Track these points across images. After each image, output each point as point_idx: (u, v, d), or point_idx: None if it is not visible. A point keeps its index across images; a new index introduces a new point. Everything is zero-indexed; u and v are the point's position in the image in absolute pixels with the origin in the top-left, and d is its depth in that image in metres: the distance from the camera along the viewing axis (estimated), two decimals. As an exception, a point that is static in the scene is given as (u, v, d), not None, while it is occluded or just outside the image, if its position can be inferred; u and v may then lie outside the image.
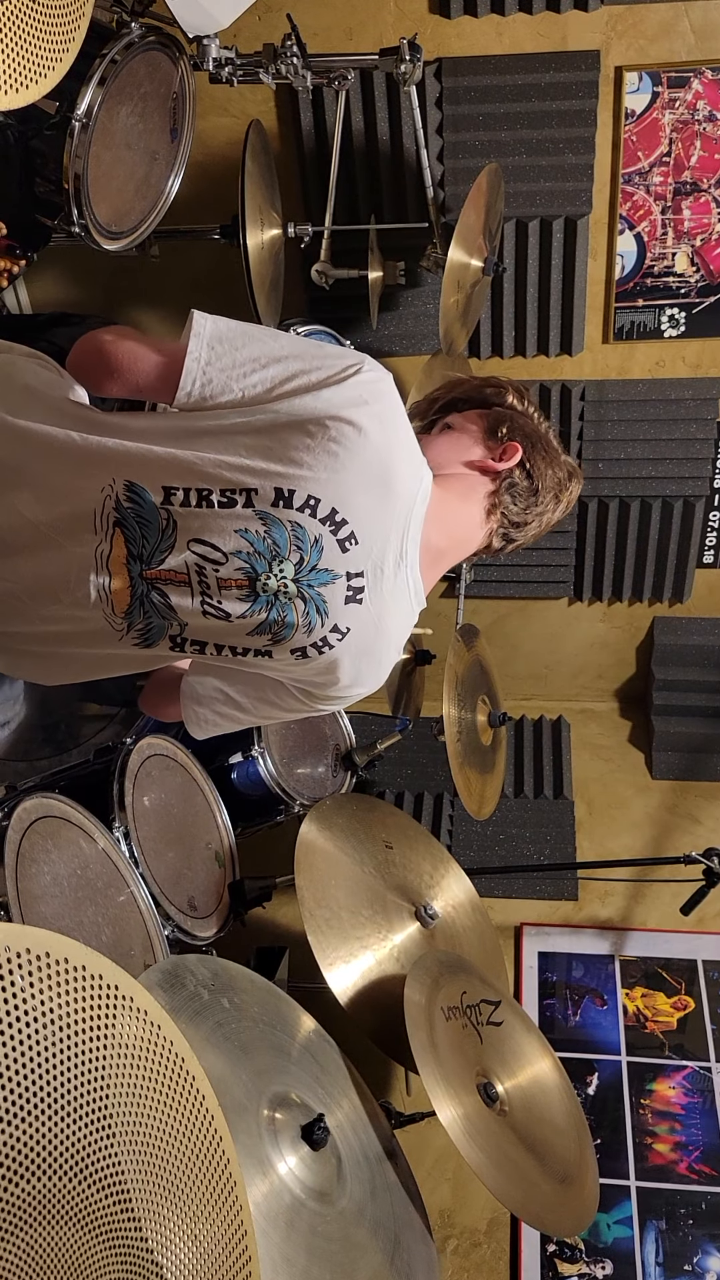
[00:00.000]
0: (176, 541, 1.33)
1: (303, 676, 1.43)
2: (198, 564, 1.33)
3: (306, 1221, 1.55)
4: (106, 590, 1.36)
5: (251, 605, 1.34)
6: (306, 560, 1.32)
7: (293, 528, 1.31)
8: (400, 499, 1.35)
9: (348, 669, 1.41)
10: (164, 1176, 0.97)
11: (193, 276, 2.86)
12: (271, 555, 1.32)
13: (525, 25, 2.56)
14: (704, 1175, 2.40)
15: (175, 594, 1.35)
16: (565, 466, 1.54)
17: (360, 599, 1.36)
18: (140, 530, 1.33)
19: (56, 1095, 0.86)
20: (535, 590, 3.32)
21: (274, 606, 1.34)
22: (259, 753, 2.43)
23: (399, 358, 2.95)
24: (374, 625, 1.39)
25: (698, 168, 2.66)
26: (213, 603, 1.34)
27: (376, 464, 1.31)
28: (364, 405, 1.30)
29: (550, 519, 1.54)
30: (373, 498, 1.33)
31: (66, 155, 1.86)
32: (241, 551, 1.32)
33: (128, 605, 1.37)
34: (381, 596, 1.38)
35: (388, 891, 2.21)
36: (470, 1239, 2.36)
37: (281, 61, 2.17)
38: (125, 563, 1.35)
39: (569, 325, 2.87)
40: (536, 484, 1.49)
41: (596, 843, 3.14)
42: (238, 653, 1.40)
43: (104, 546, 1.35)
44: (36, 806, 1.75)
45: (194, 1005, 1.63)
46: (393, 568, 1.37)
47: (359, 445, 1.29)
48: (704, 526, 3.15)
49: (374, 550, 1.34)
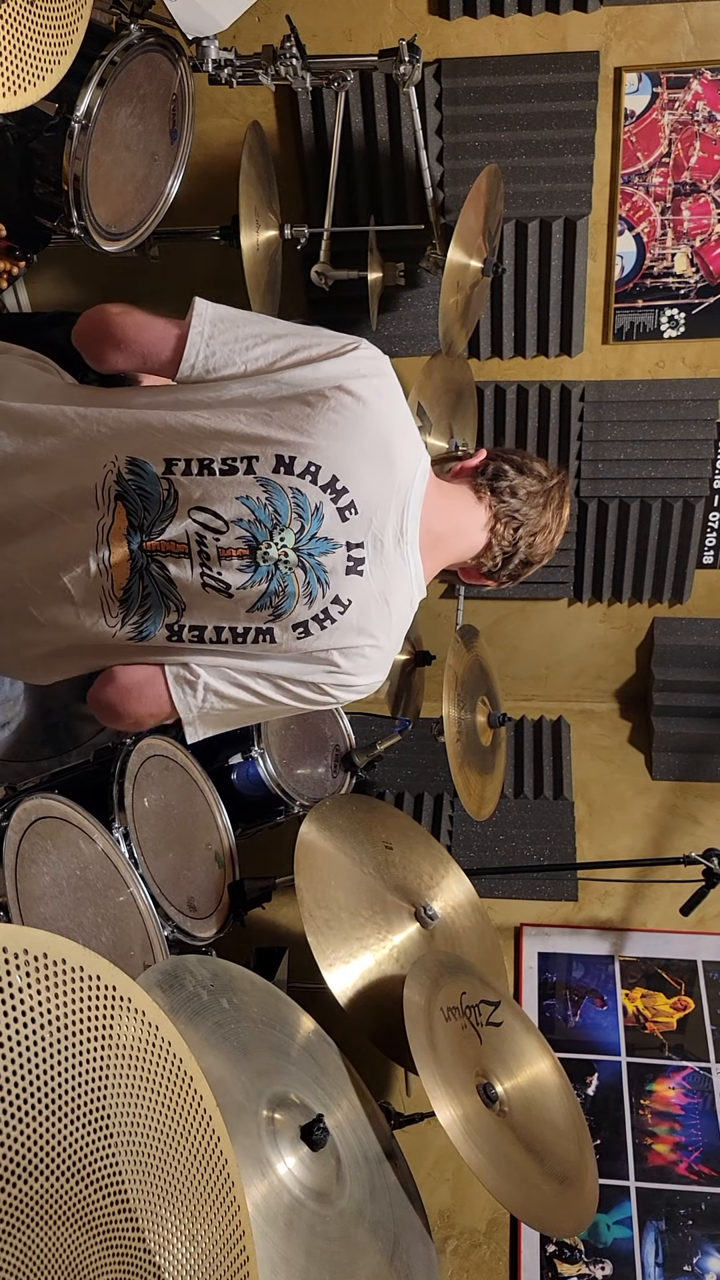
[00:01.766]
0: (177, 511, 1.33)
1: (306, 663, 1.42)
2: (198, 533, 1.33)
3: (306, 1222, 1.55)
4: (106, 564, 1.35)
5: (252, 575, 1.34)
6: (307, 528, 1.33)
7: (294, 494, 1.32)
8: (399, 471, 1.37)
9: (353, 644, 1.41)
10: (162, 1177, 0.97)
11: (193, 277, 2.86)
12: (272, 523, 1.32)
13: (524, 26, 2.56)
14: (704, 1176, 2.40)
15: (174, 565, 1.35)
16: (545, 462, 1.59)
17: (361, 570, 1.36)
18: (141, 502, 1.34)
19: (55, 1096, 0.86)
20: (535, 591, 3.32)
21: (274, 576, 1.34)
22: (259, 753, 2.43)
23: (399, 358, 2.92)
24: (376, 598, 1.39)
25: (697, 168, 2.66)
26: (213, 573, 1.34)
27: (375, 434, 1.34)
28: (363, 378, 1.33)
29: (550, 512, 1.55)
30: (373, 467, 1.34)
31: (66, 157, 1.87)
32: (242, 519, 1.32)
33: (127, 579, 1.36)
34: (383, 570, 1.38)
35: (387, 892, 2.22)
36: (470, 1239, 2.37)
37: (281, 63, 2.17)
38: (125, 534, 1.35)
39: (568, 326, 2.87)
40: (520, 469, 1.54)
41: (596, 843, 3.15)
42: (238, 635, 1.38)
43: (105, 520, 1.35)
44: (36, 807, 1.75)
45: (193, 1006, 1.64)
46: (393, 543, 1.38)
47: (358, 414, 1.32)
48: (704, 527, 3.15)
49: (374, 521, 1.36)
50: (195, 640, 1.39)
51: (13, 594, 1.40)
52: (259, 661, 1.42)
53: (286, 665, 1.42)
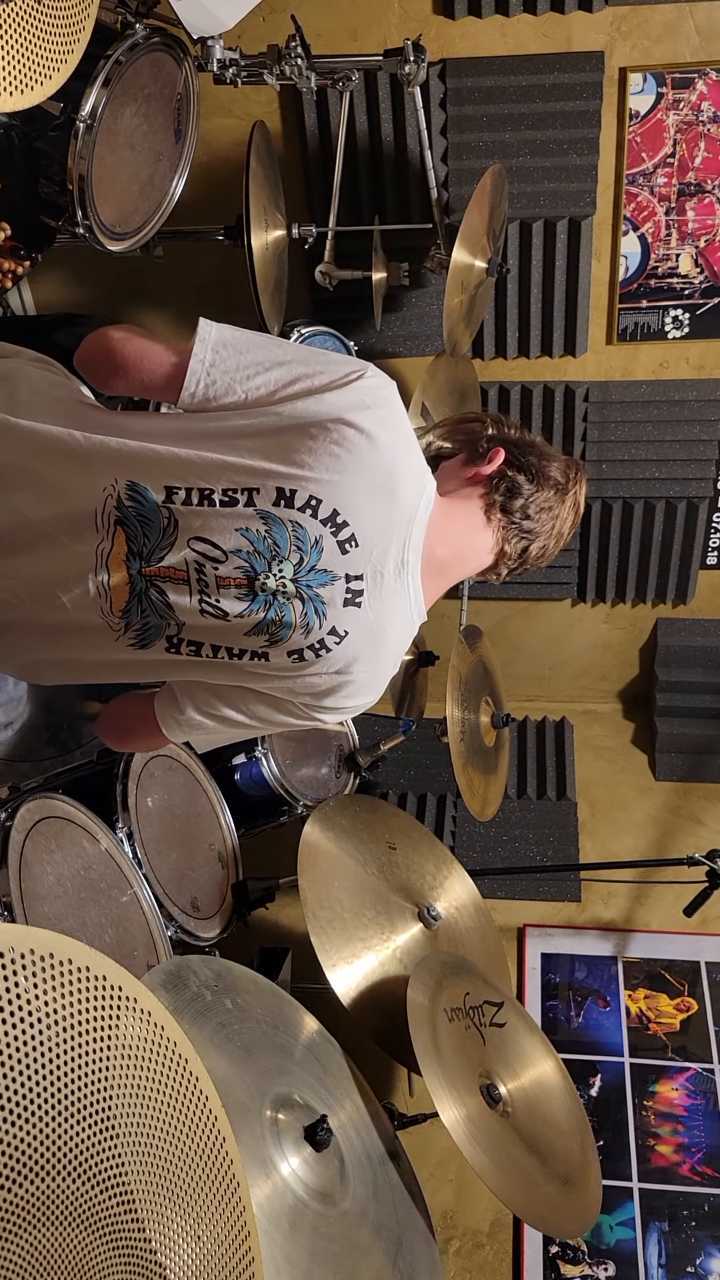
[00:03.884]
0: (177, 539, 1.33)
1: (299, 685, 1.42)
2: (197, 561, 1.33)
3: (309, 1222, 1.55)
4: (105, 587, 1.36)
5: (249, 605, 1.34)
6: (306, 560, 1.32)
7: (293, 528, 1.31)
8: (402, 503, 1.35)
9: (345, 675, 1.41)
10: (168, 1177, 0.97)
11: (197, 277, 2.86)
12: (271, 555, 1.32)
13: (529, 26, 2.56)
14: (706, 1177, 2.39)
15: (173, 591, 1.35)
16: (563, 461, 1.54)
17: (359, 603, 1.36)
18: (141, 529, 1.34)
19: (61, 1097, 0.86)
20: (538, 591, 3.32)
21: (272, 606, 1.34)
22: (262, 754, 2.43)
23: (403, 358, 2.95)
24: (372, 630, 1.39)
25: (702, 169, 2.66)
26: (210, 601, 1.34)
27: (379, 467, 1.32)
28: (366, 409, 1.31)
29: (564, 517, 1.52)
30: (375, 501, 1.33)
31: (71, 156, 1.87)
32: (241, 550, 1.32)
33: (126, 602, 1.36)
34: (381, 601, 1.37)
35: (391, 892, 2.21)
36: (473, 1240, 2.36)
37: (286, 63, 2.17)
38: (125, 559, 1.35)
39: (573, 326, 2.87)
40: (536, 479, 1.49)
41: (599, 844, 3.14)
42: (234, 654, 1.39)
43: (105, 544, 1.35)
44: (40, 807, 1.75)
45: (197, 1006, 1.64)
46: (393, 574, 1.37)
47: (361, 448, 1.30)
48: (707, 528, 3.15)
49: (374, 554, 1.34)
50: (193, 655, 1.40)
51: (14, 607, 1.41)
52: (251, 680, 1.43)
53: (278, 684, 1.43)
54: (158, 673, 1.49)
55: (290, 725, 1.51)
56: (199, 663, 1.41)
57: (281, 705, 1.47)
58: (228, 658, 1.39)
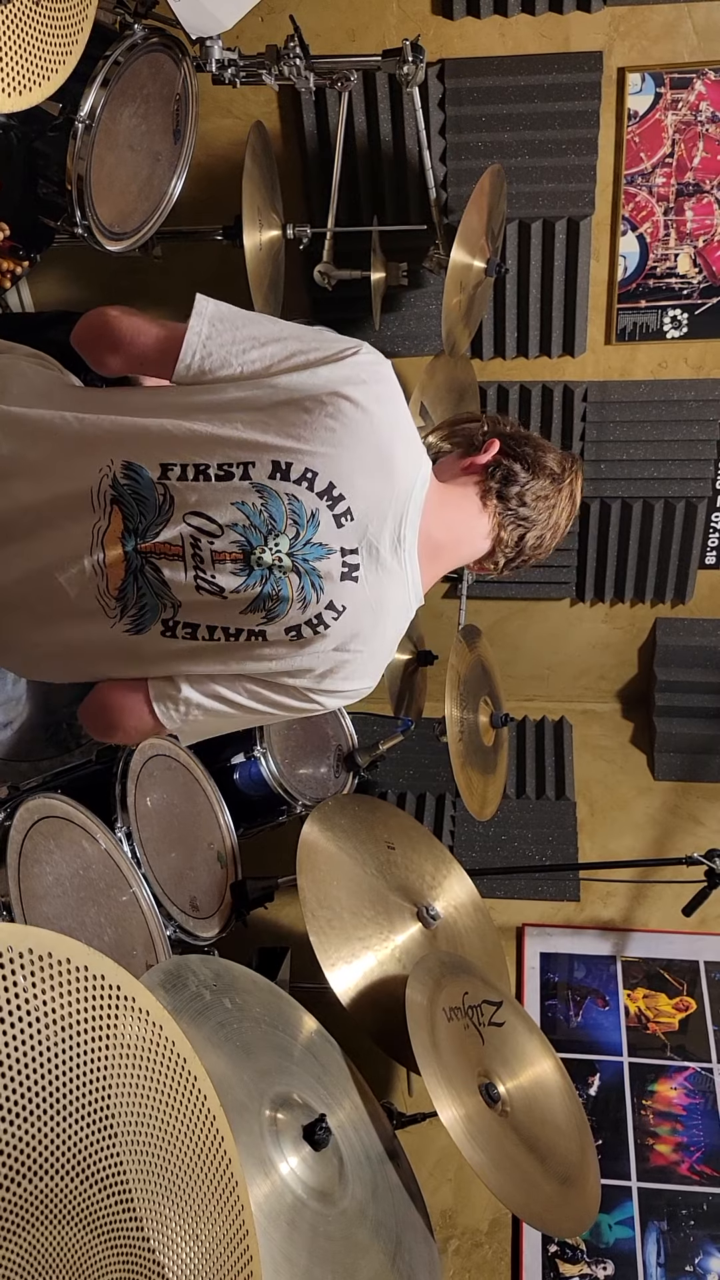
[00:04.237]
0: (173, 515, 1.33)
1: (297, 667, 1.42)
2: (193, 536, 1.33)
3: (308, 1222, 1.55)
4: (101, 565, 1.36)
5: (245, 579, 1.34)
6: (302, 534, 1.33)
7: (289, 500, 1.31)
8: (398, 478, 1.36)
9: (343, 653, 1.40)
10: (166, 1177, 0.97)
11: (195, 277, 2.84)
12: (267, 529, 1.32)
13: (528, 26, 2.56)
14: (705, 1176, 2.40)
15: (168, 568, 1.35)
16: (559, 453, 1.54)
17: (356, 576, 1.36)
18: (138, 506, 1.34)
19: (59, 1096, 0.86)
20: (537, 591, 3.32)
21: (268, 581, 1.34)
22: (261, 753, 2.43)
23: (402, 358, 2.95)
24: (370, 606, 1.39)
25: (700, 169, 2.66)
26: (206, 576, 1.34)
27: (374, 441, 1.33)
28: (362, 384, 1.32)
29: (560, 508, 1.52)
30: (370, 474, 1.34)
31: (69, 157, 1.87)
32: (237, 524, 1.32)
33: (121, 580, 1.36)
34: (379, 578, 1.37)
35: (389, 892, 2.22)
36: (472, 1239, 2.37)
37: (284, 63, 2.17)
38: (120, 537, 1.35)
39: (571, 326, 2.87)
40: (532, 468, 1.50)
41: (598, 844, 3.15)
42: (231, 634, 1.38)
43: (101, 523, 1.35)
44: (39, 807, 1.75)
45: (196, 1005, 1.64)
46: (390, 550, 1.37)
47: (357, 421, 1.31)
48: (706, 527, 3.15)
49: (370, 527, 1.35)
50: (189, 637, 1.39)
51: (13, 594, 1.41)
52: (248, 663, 1.42)
53: (275, 665, 1.41)
54: (155, 664, 1.46)
55: (288, 709, 1.48)
56: (196, 647, 1.40)
57: (279, 688, 1.45)
58: (224, 639, 1.39)
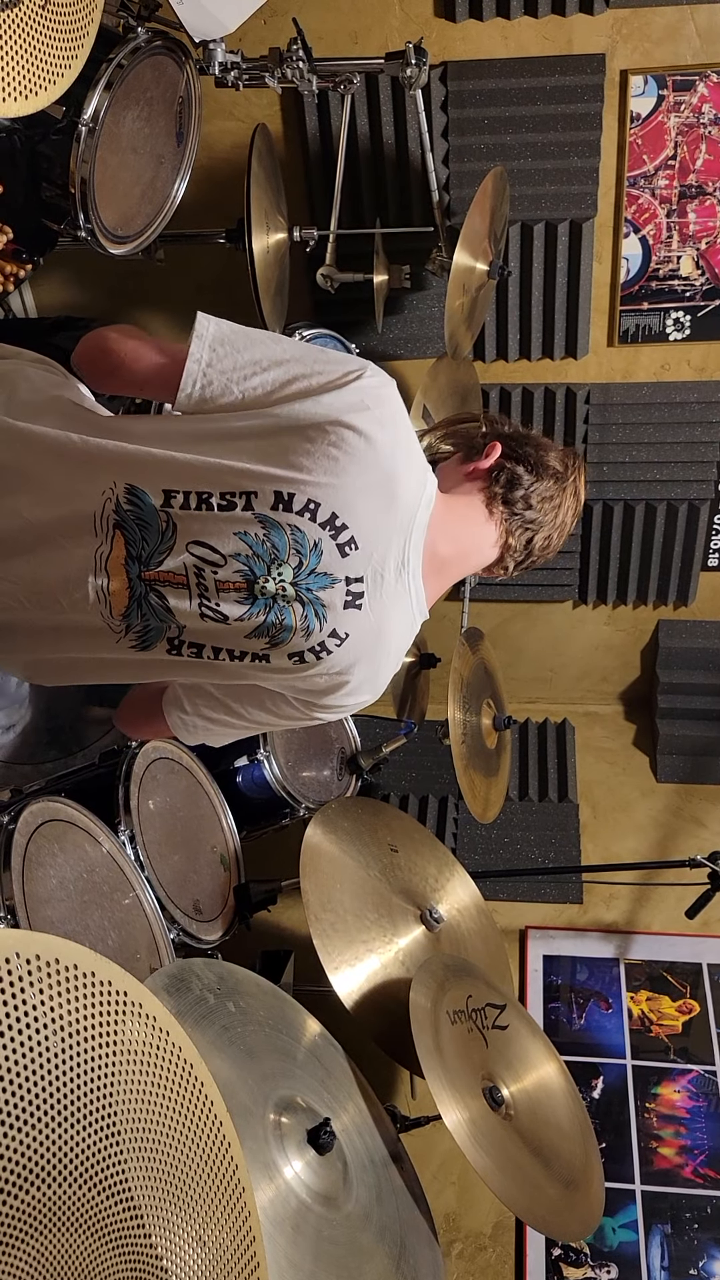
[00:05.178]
0: (176, 544, 1.33)
1: (300, 684, 1.42)
2: (196, 566, 1.33)
3: (313, 1226, 1.55)
4: (105, 591, 1.36)
5: (250, 608, 1.34)
6: (305, 564, 1.32)
7: (292, 531, 1.31)
8: (402, 504, 1.35)
9: (346, 676, 1.41)
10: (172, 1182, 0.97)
11: (198, 280, 2.86)
12: (270, 559, 1.32)
13: (530, 29, 2.56)
14: (709, 1179, 2.39)
15: (173, 596, 1.35)
16: (560, 451, 1.53)
17: (360, 604, 1.36)
18: (140, 532, 1.34)
19: (65, 1101, 0.86)
20: (540, 593, 3.32)
21: (272, 609, 1.34)
22: (264, 756, 2.43)
23: (404, 361, 2.96)
24: (373, 632, 1.39)
25: (703, 171, 2.66)
26: (210, 605, 1.34)
27: (378, 469, 1.31)
28: (365, 410, 1.30)
29: (566, 506, 1.51)
30: (374, 503, 1.32)
31: (73, 160, 1.87)
32: (240, 554, 1.32)
33: (125, 606, 1.37)
34: (382, 603, 1.37)
35: (393, 895, 2.21)
36: (476, 1243, 2.36)
37: (287, 66, 2.17)
38: (124, 564, 1.35)
39: (574, 328, 2.87)
40: (535, 469, 1.48)
41: (601, 846, 3.14)
42: (235, 656, 1.39)
43: (104, 548, 1.35)
44: (43, 810, 1.75)
45: (200, 1009, 1.64)
46: (394, 575, 1.37)
47: (360, 450, 1.29)
48: (709, 530, 3.15)
49: (374, 556, 1.34)
50: (194, 656, 1.40)
51: (15, 610, 1.41)
52: (253, 680, 1.44)
53: (279, 682, 1.43)
54: (160, 673, 1.49)
55: (292, 724, 1.52)
56: (200, 664, 1.41)
57: (282, 705, 1.47)
58: (229, 660, 1.40)
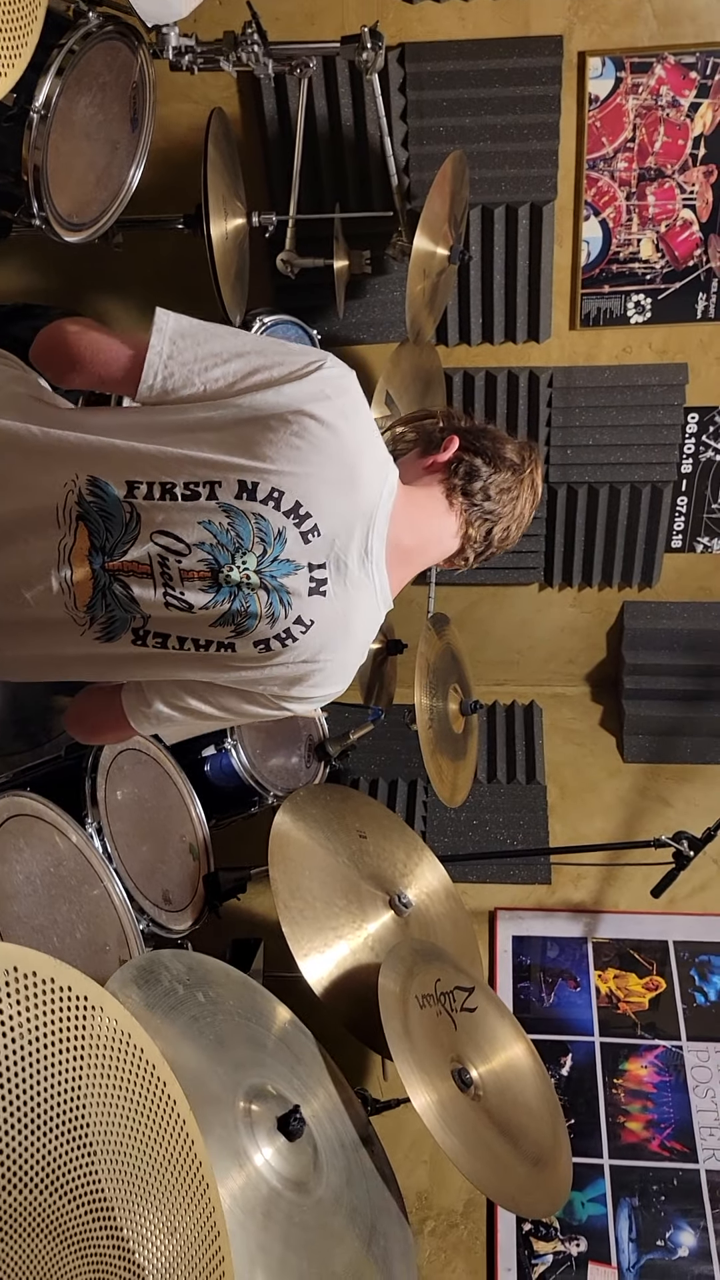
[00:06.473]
0: (140, 534, 1.33)
1: (267, 675, 1.43)
2: (160, 555, 1.33)
3: (283, 1212, 1.56)
4: (69, 583, 1.36)
5: (214, 596, 1.35)
6: (270, 552, 1.33)
7: (256, 520, 1.32)
8: (364, 492, 1.36)
9: (312, 665, 1.42)
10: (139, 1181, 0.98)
11: (157, 266, 2.83)
12: (234, 547, 1.32)
13: (488, 10, 2.54)
14: (675, 1152, 2.44)
15: (137, 585, 1.35)
16: (517, 444, 1.56)
17: (324, 591, 1.37)
18: (104, 523, 1.34)
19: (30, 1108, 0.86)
20: (506, 576, 3.34)
21: (237, 597, 1.35)
22: (232, 745, 2.43)
23: (366, 346, 2.95)
24: (339, 620, 1.40)
25: (661, 154, 2.66)
26: (175, 593, 1.35)
27: (340, 458, 1.33)
28: (327, 400, 1.31)
29: (524, 498, 1.54)
30: (336, 491, 1.34)
31: (25, 147, 1.84)
32: (204, 543, 1.32)
33: (90, 597, 1.36)
34: (346, 591, 1.38)
35: (362, 880, 2.23)
36: (448, 1220, 2.40)
37: (243, 49, 2.15)
38: (88, 555, 1.35)
39: (536, 312, 2.87)
40: (492, 461, 1.51)
41: (569, 827, 3.17)
42: (200, 645, 1.39)
43: (67, 540, 1.35)
44: (8, 805, 1.74)
45: (170, 1000, 1.64)
46: (358, 563, 1.38)
47: (322, 439, 1.31)
48: (672, 511, 3.17)
49: (337, 542, 1.35)
50: (159, 646, 1.40)
51: None
52: (218, 672, 1.44)
53: (244, 675, 1.43)
54: (126, 669, 1.49)
55: (259, 716, 1.53)
56: (166, 655, 1.42)
57: (249, 696, 1.48)
58: (194, 649, 1.40)
